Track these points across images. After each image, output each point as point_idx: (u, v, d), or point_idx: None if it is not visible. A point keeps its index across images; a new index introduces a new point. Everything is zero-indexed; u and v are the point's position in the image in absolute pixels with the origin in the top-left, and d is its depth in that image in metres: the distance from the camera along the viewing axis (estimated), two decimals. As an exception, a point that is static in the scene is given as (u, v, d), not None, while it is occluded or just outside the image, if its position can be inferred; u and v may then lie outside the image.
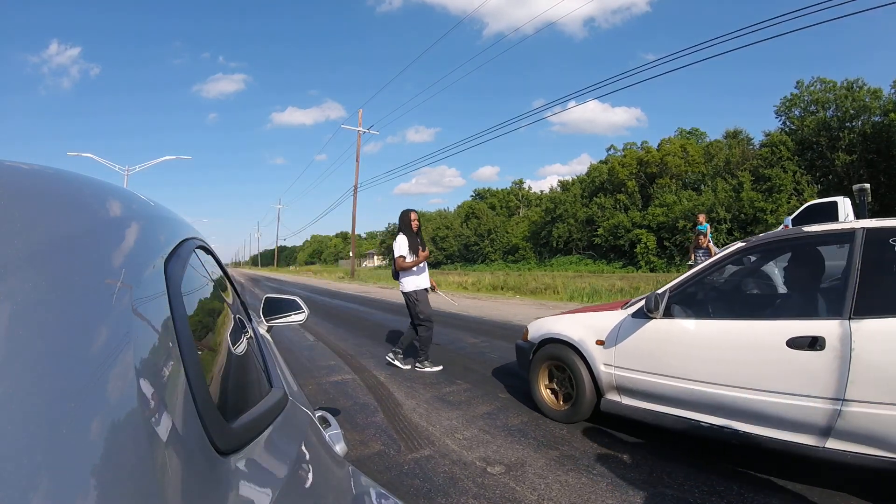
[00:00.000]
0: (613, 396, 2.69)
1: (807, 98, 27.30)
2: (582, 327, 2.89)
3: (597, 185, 35.87)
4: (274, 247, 76.23)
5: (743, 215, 25.62)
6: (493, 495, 2.02)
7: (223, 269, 1.04)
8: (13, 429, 0.28)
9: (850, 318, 1.88)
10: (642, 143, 35.62)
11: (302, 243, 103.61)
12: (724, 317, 2.42)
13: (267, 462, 0.64)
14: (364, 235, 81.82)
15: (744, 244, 2.47)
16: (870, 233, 2.01)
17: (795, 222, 8.49)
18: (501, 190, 51.68)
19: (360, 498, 0.84)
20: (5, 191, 0.44)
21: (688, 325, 2.39)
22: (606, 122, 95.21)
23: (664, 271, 25.08)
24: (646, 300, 2.47)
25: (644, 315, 2.50)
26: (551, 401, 3.05)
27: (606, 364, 2.68)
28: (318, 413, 1.18)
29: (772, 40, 19.08)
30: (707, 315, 2.47)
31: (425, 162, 75.55)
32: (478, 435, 2.72)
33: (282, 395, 0.87)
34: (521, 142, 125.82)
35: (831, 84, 26.29)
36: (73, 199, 0.52)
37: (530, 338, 3.26)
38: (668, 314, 2.46)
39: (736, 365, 2.14)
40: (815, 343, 1.92)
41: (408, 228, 4.14)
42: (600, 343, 2.73)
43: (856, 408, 1.81)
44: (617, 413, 2.65)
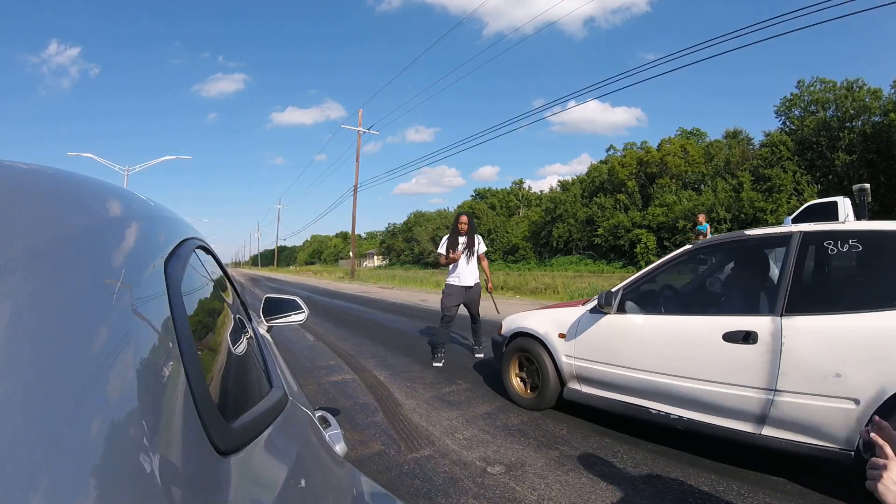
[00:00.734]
0: (574, 385, 2.88)
1: (807, 98, 27.30)
2: (547, 322, 3.07)
3: (597, 185, 35.88)
4: (274, 247, 76.18)
5: (743, 215, 25.61)
6: (493, 495, 2.02)
7: (223, 269, 1.04)
8: (13, 429, 0.28)
9: (782, 315, 2.00)
10: (642, 143, 35.68)
11: (302, 243, 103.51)
12: (671, 312, 2.64)
13: (267, 462, 0.64)
14: (364, 235, 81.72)
15: (691, 246, 2.64)
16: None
17: (795, 222, 8.48)
18: (501, 190, 51.67)
19: (359, 498, 0.84)
20: (5, 190, 0.44)
21: (637, 319, 2.57)
22: (606, 122, 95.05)
23: (664, 271, 25.04)
24: (599, 297, 2.65)
25: (599, 310, 2.68)
26: (520, 389, 3.29)
27: (568, 355, 2.87)
28: (318, 413, 1.18)
29: (772, 40, 19.09)
30: (656, 311, 2.67)
31: (425, 162, 74.89)
32: (478, 435, 2.72)
33: (282, 395, 0.87)
34: (521, 142, 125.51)
35: (831, 84, 26.29)
36: (72, 199, 0.52)
37: (503, 332, 3.46)
38: (621, 310, 2.64)
39: (679, 356, 2.31)
40: (748, 337, 2.06)
41: (454, 229, 4.65)
42: (562, 336, 2.92)
43: (787, 398, 1.94)
44: (577, 401, 2.85)
